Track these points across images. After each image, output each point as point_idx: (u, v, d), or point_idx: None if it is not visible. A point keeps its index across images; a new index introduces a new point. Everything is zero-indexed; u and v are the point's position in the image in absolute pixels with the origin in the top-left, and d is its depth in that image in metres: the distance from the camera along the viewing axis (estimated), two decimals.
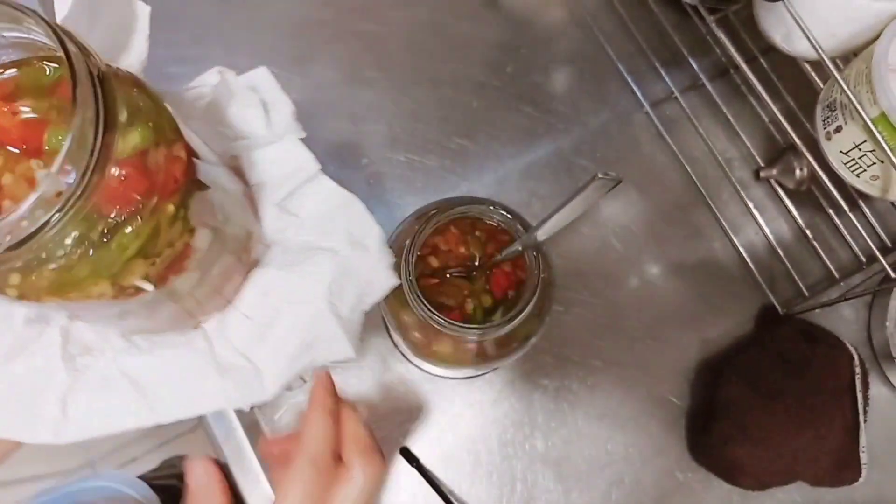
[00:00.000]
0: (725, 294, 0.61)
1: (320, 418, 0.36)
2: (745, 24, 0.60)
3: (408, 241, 0.42)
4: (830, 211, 0.61)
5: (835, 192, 0.52)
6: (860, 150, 0.45)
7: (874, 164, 0.45)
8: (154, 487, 0.64)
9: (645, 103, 0.64)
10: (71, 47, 0.23)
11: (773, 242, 0.62)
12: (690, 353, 0.59)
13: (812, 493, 0.57)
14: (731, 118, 0.64)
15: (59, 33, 0.23)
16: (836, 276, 0.59)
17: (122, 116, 0.25)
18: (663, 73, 0.65)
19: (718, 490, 0.56)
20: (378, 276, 0.38)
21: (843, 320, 0.62)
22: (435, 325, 0.40)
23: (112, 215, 0.25)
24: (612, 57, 0.65)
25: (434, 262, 0.46)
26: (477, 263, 0.46)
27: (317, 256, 0.36)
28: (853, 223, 0.59)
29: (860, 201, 0.60)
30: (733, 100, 0.65)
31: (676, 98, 0.64)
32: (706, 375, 0.59)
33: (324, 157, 0.59)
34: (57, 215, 0.23)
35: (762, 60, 0.62)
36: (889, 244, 0.60)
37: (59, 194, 0.23)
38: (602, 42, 0.66)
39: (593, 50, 0.66)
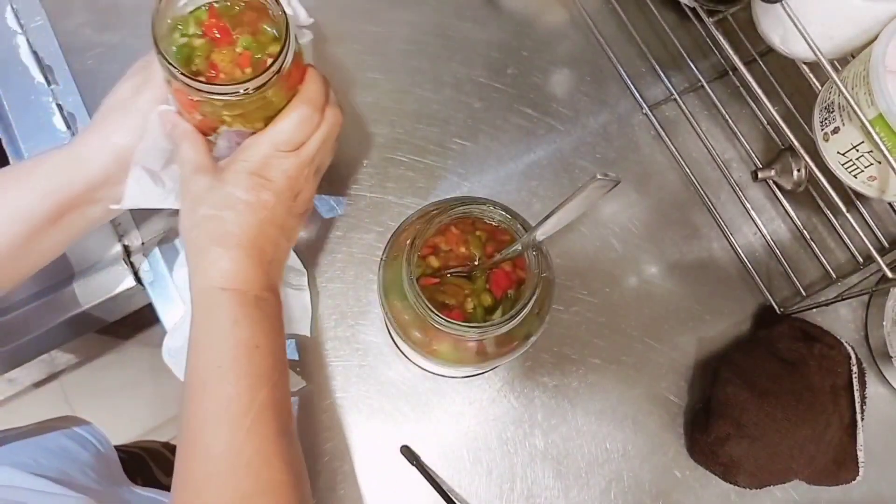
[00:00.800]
0: (723, 293, 0.62)
1: (318, 76, 0.46)
2: (743, 26, 0.61)
3: (409, 242, 0.42)
4: (828, 211, 0.62)
5: (832, 193, 0.53)
6: (858, 151, 0.46)
7: (871, 164, 0.45)
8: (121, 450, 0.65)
9: (644, 105, 0.65)
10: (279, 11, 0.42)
11: (771, 242, 0.62)
12: (689, 352, 0.60)
13: (810, 491, 0.57)
14: (729, 119, 0.64)
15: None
16: (834, 276, 0.59)
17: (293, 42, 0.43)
18: (662, 74, 0.65)
19: (716, 488, 0.57)
20: None
21: (841, 320, 0.63)
22: (435, 325, 0.40)
23: (272, 90, 0.42)
24: (611, 59, 0.66)
25: (435, 262, 0.46)
26: (477, 263, 0.46)
27: None
28: (850, 224, 0.59)
29: (857, 202, 0.61)
30: (732, 101, 0.65)
31: (675, 99, 0.64)
32: (704, 374, 0.59)
33: None
34: (269, 85, 0.41)
35: (761, 62, 0.62)
36: (886, 244, 0.61)
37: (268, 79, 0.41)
38: (602, 44, 0.66)
39: (593, 52, 0.67)
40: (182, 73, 0.39)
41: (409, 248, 0.42)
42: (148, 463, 0.68)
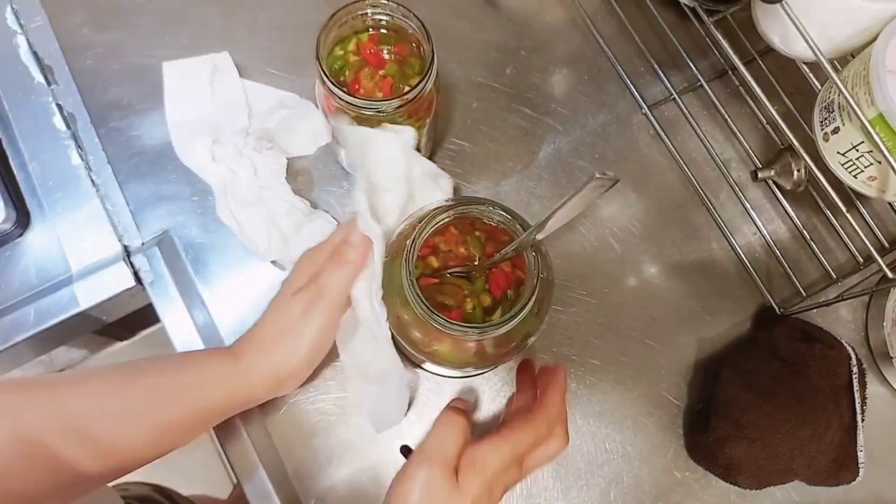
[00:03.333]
0: (723, 294, 0.62)
1: (562, 395, 0.48)
2: (743, 25, 0.60)
3: (408, 242, 0.42)
4: (828, 211, 0.62)
5: (832, 193, 0.52)
6: (857, 151, 0.45)
7: (871, 164, 0.45)
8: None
9: (643, 104, 0.65)
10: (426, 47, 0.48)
11: (771, 243, 0.62)
12: (688, 353, 0.60)
13: (810, 492, 0.57)
14: (729, 119, 0.64)
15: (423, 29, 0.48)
16: (834, 276, 0.59)
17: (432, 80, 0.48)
18: (662, 74, 0.65)
19: (716, 489, 0.57)
20: None
21: (841, 320, 0.63)
22: (434, 325, 0.40)
23: (402, 116, 0.48)
24: (610, 58, 0.66)
25: (434, 262, 0.46)
26: (477, 263, 0.46)
27: None
28: (850, 224, 0.59)
29: (857, 202, 0.61)
30: (731, 101, 0.65)
31: (675, 99, 0.64)
32: (704, 375, 0.59)
33: (325, 159, 0.60)
34: (388, 108, 0.47)
35: (760, 62, 0.62)
36: (886, 244, 0.61)
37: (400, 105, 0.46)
38: (601, 43, 0.66)
39: (592, 51, 0.67)
40: (330, 80, 0.45)
41: (408, 248, 0.42)
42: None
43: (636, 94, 0.65)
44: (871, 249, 0.51)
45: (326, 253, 0.48)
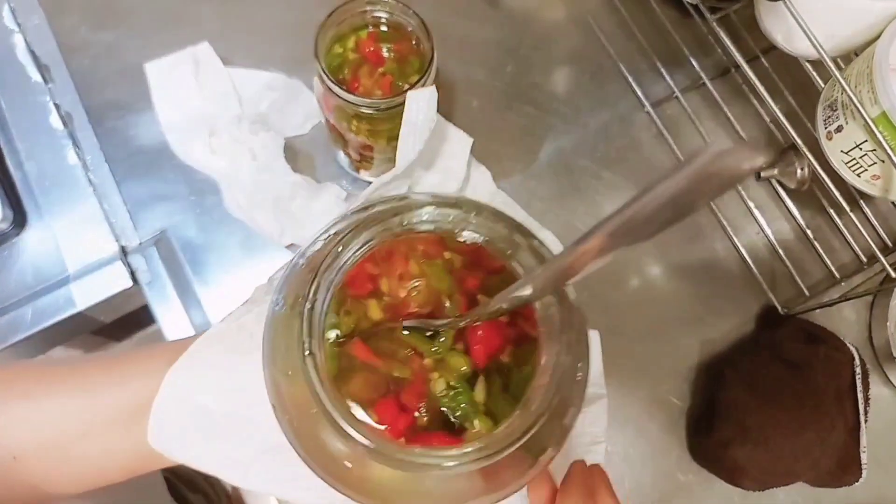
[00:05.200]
0: (726, 294, 0.61)
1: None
2: (746, 23, 0.60)
3: (313, 280, 0.25)
4: (831, 211, 0.61)
5: (836, 192, 0.52)
6: (861, 149, 0.45)
7: (875, 163, 0.45)
8: None
9: (646, 103, 0.64)
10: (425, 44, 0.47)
11: (774, 242, 0.61)
12: (691, 354, 0.59)
13: (813, 493, 0.57)
14: (731, 118, 0.63)
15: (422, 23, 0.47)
16: (837, 276, 0.59)
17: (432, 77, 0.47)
18: (664, 72, 0.65)
19: (719, 491, 0.56)
20: None
21: (844, 320, 0.62)
22: (356, 440, 0.23)
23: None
24: (612, 56, 0.65)
25: (375, 310, 0.28)
26: (447, 314, 0.29)
27: None
28: (854, 223, 0.58)
29: (861, 201, 0.60)
30: (734, 99, 0.65)
31: (677, 97, 0.63)
32: (707, 376, 0.58)
33: (324, 157, 0.59)
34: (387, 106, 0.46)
35: (763, 60, 0.62)
36: (890, 244, 0.60)
37: (398, 103, 0.46)
38: (603, 41, 0.66)
39: (594, 49, 0.66)
40: (329, 78, 0.45)
41: (311, 292, 0.25)
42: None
43: (638, 92, 0.64)
44: (875, 249, 0.51)
45: None
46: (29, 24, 0.60)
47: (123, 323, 0.66)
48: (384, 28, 0.50)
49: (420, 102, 0.45)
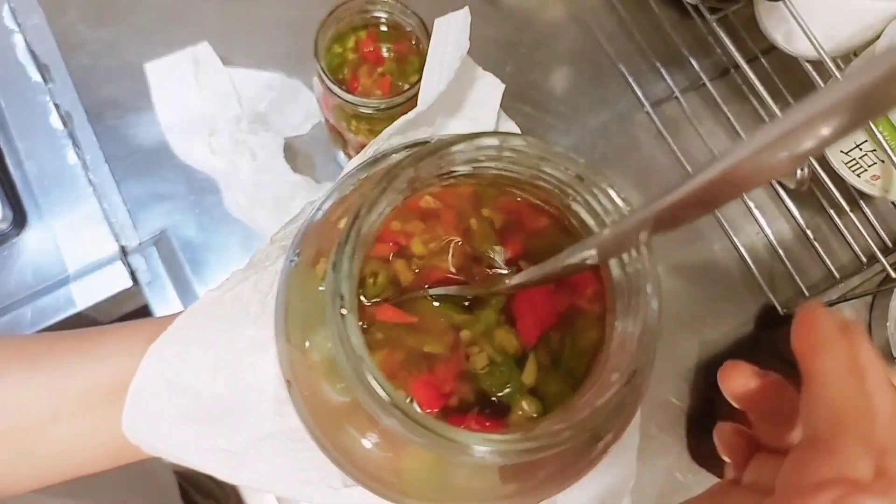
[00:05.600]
0: (726, 294, 0.61)
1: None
2: (745, 23, 0.60)
3: (344, 226, 0.20)
4: (831, 211, 0.61)
5: (835, 192, 0.52)
6: (861, 149, 0.45)
7: (875, 163, 0.45)
8: None
9: (645, 103, 0.64)
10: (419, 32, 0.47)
11: (774, 243, 0.61)
12: (691, 354, 0.59)
13: None
14: (731, 118, 0.63)
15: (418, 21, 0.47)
16: (837, 276, 0.59)
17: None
18: (664, 72, 0.65)
19: None
20: None
21: None
22: (398, 424, 0.19)
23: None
24: (612, 56, 0.65)
25: (404, 270, 0.24)
26: (490, 279, 0.24)
27: None
28: (854, 223, 0.58)
29: (861, 201, 0.60)
30: (734, 99, 0.65)
31: (677, 98, 0.63)
32: (707, 376, 0.58)
33: (324, 157, 0.59)
34: (387, 106, 0.46)
35: (763, 60, 0.62)
36: (890, 244, 0.60)
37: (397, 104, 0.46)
38: (602, 41, 0.66)
39: (593, 49, 0.66)
40: (328, 78, 0.45)
41: (343, 240, 0.20)
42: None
43: (638, 92, 0.64)
44: (875, 249, 0.51)
45: None
46: (29, 24, 0.60)
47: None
48: (384, 28, 0.50)
49: (450, 28, 0.40)
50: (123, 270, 0.55)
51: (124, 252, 0.56)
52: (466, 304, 0.24)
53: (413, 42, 0.50)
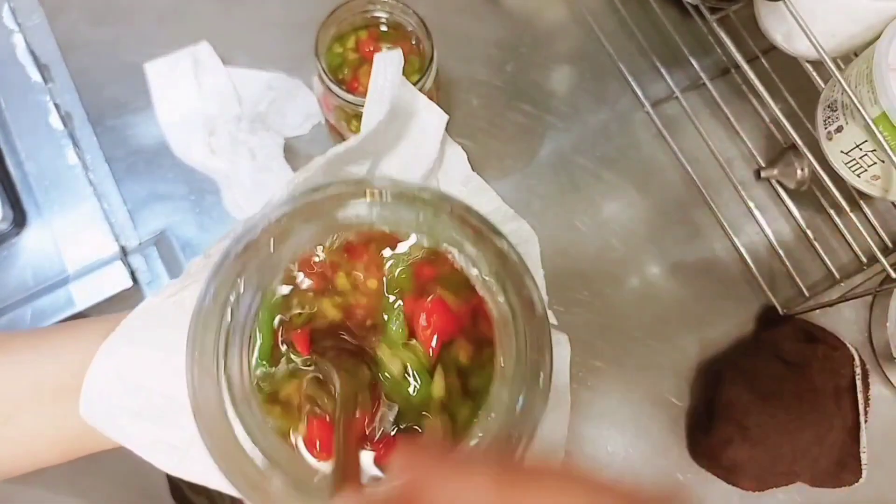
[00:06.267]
0: (726, 294, 0.61)
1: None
2: (746, 23, 0.60)
3: (237, 279, 0.22)
4: (831, 211, 0.61)
5: (836, 193, 0.52)
6: (861, 149, 0.45)
7: (875, 164, 0.45)
8: None
9: (645, 102, 0.64)
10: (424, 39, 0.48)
11: (774, 242, 0.61)
12: (691, 354, 0.59)
13: (812, 493, 0.57)
14: (731, 118, 0.63)
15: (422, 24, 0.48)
16: (837, 276, 0.59)
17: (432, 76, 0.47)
18: (664, 72, 0.64)
19: (718, 491, 0.56)
20: None
21: (844, 321, 0.62)
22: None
23: None
24: (612, 56, 0.65)
25: (330, 308, 0.26)
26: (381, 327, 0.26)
27: None
28: (854, 223, 0.58)
29: (861, 201, 0.60)
30: (734, 99, 0.65)
31: (677, 97, 0.63)
32: (706, 376, 0.58)
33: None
34: None
35: (763, 60, 0.62)
36: (890, 244, 0.60)
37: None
38: (602, 41, 0.66)
39: (594, 49, 0.66)
40: (329, 77, 0.45)
41: (234, 284, 0.22)
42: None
43: (638, 92, 0.64)
44: (875, 249, 0.51)
45: None
46: (29, 24, 0.60)
47: None
48: (384, 28, 0.50)
49: (387, 65, 0.43)
50: (123, 270, 0.55)
51: (124, 252, 0.56)
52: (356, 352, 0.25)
53: (413, 42, 0.50)
